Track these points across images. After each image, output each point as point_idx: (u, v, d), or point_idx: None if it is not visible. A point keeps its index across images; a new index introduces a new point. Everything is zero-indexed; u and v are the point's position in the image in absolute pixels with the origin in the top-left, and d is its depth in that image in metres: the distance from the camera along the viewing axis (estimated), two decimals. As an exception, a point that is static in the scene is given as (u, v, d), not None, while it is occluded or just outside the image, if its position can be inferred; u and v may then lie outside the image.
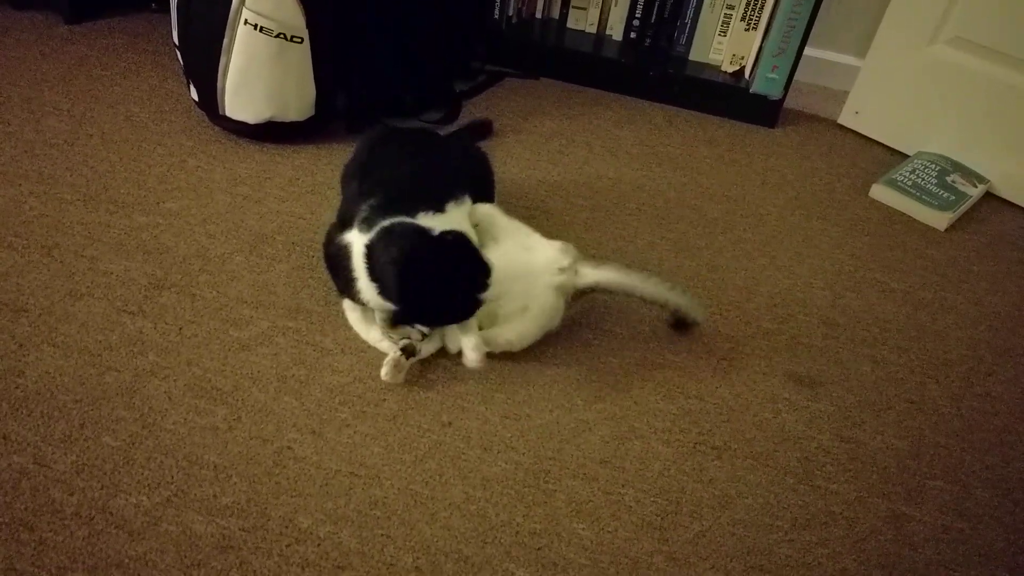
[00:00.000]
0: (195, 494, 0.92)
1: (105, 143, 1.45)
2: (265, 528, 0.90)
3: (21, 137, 1.43)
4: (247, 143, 1.49)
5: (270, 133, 1.47)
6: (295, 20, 1.35)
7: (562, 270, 1.11)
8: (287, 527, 0.90)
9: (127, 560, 0.85)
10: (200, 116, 1.52)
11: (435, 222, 1.02)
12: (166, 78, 1.64)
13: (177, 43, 1.46)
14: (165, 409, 1.01)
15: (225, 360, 1.08)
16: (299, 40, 1.37)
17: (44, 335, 1.08)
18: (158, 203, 1.33)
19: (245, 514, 0.91)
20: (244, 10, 1.32)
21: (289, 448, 0.99)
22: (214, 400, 1.03)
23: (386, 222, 1.02)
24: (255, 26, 1.33)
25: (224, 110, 1.43)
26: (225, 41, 1.35)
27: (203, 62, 1.39)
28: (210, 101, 1.43)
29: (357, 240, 1.03)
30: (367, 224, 1.03)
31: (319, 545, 0.89)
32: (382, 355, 1.12)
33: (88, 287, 1.16)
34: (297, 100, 1.44)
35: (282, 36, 1.35)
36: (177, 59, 1.49)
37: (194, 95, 1.48)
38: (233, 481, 0.94)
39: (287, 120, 1.45)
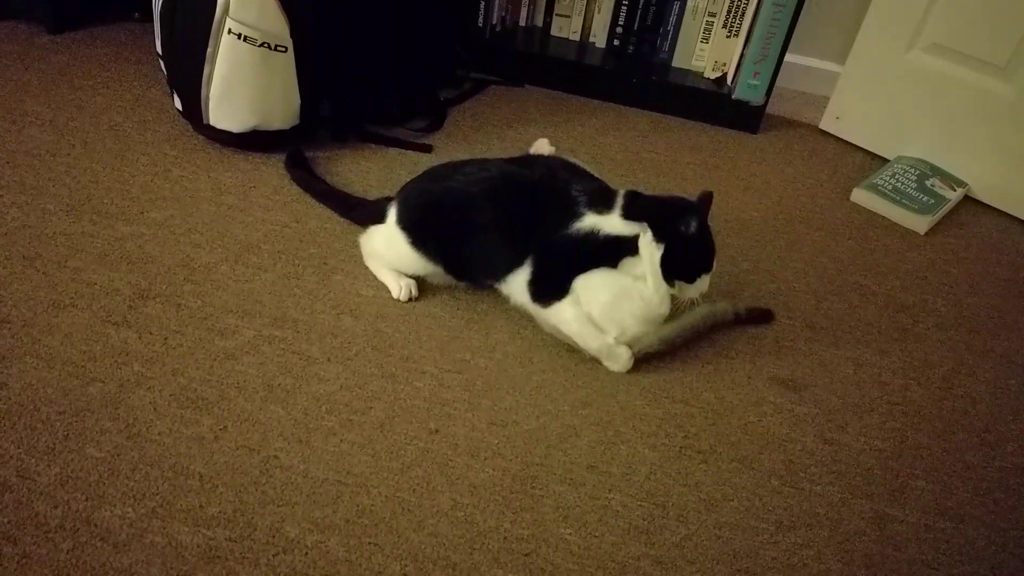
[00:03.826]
0: (181, 505, 0.92)
1: (88, 153, 1.44)
2: (252, 538, 0.90)
3: (3, 147, 1.42)
4: (232, 152, 1.49)
5: (255, 142, 1.47)
6: (279, 29, 1.35)
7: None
8: (274, 536, 0.90)
9: (112, 572, 0.84)
10: (184, 125, 1.51)
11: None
12: (150, 87, 1.64)
13: (160, 53, 1.45)
14: (150, 420, 1.00)
15: (211, 370, 1.08)
16: (283, 49, 1.37)
17: (27, 347, 1.07)
18: (142, 213, 1.32)
19: (232, 524, 0.91)
20: (228, 20, 1.32)
21: (276, 457, 0.98)
22: (200, 410, 1.02)
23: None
24: (239, 35, 1.33)
25: (208, 119, 1.43)
26: (209, 50, 1.35)
27: (187, 71, 1.39)
28: (194, 110, 1.43)
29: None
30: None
31: (306, 554, 0.89)
32: (369, 364, 1.12)
33: (72, 298, 1.15)
34: (282, 109, 1.44)
35: (266, 45, 1.35)
36: (161, 69, 1.49)
37: (178, 104, 1.47)
38: (219, 491, 0.94)
39: (272, 129, 1.45)
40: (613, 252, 1.13)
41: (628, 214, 1.12)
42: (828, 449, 1.10)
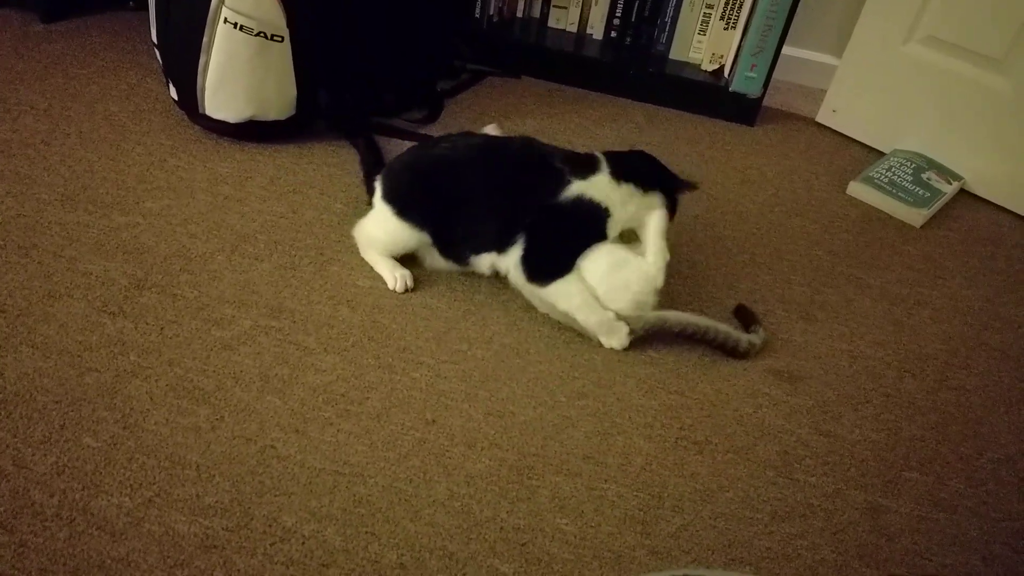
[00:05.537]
0: (178, 494, 0.92)
1: (83, 142, 1.43)
2: (249, 527, 0.90)
3: (-3, 136, 1.42)
4: (228, 142, 1.48)
5: (251, 132, 1.46)
6: (275, 19, 1.34)
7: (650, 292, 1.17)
8: (271, 526, 0.90)
9: (109, 561, 0.85)
10: (180, 115, 1.51)
11: None
12: (145, 77, 1.63)
13: (156, 42, 1.44)
14: (147, 409, 1.00)
15: (207, 360, 1.08)
16: (279, 39, 1.36)
17: (23, 336, 1.07)
18: (138, 203, 1.32)
19: (228, 513, 0.91)
20: (224, 8, 1.31)
21: (272, 447, 0.98)
22: (196, 400, 1.02)
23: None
24: (235, 25, 1.32)
25: (204, 109, 1.42)
26: (205, 40, 1.34)
27: (182, 61, 1.39)
28: (190, 100, 1.42)
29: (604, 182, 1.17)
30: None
31: (303, 543, 0.89)
32: (366, 355, 1.12)
33: (67, 288, 1.15)
34: (278, 99, 1.44)
35: (262, 35, 1.34)
36: (156, 58, 1.48)
37: (173, 94, 1.47)
38: (216, 481, 0.94)
39: (268, 119, 1.45)
40: (601, 218, 1.15)
41: (620, 175, 1.17)
42: (823, 440, 1.11)
